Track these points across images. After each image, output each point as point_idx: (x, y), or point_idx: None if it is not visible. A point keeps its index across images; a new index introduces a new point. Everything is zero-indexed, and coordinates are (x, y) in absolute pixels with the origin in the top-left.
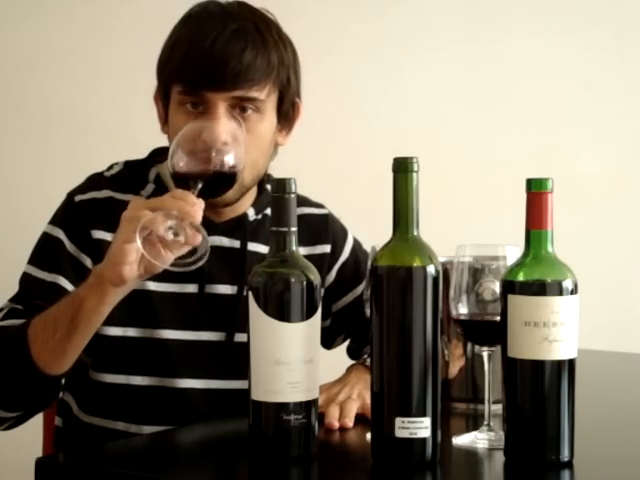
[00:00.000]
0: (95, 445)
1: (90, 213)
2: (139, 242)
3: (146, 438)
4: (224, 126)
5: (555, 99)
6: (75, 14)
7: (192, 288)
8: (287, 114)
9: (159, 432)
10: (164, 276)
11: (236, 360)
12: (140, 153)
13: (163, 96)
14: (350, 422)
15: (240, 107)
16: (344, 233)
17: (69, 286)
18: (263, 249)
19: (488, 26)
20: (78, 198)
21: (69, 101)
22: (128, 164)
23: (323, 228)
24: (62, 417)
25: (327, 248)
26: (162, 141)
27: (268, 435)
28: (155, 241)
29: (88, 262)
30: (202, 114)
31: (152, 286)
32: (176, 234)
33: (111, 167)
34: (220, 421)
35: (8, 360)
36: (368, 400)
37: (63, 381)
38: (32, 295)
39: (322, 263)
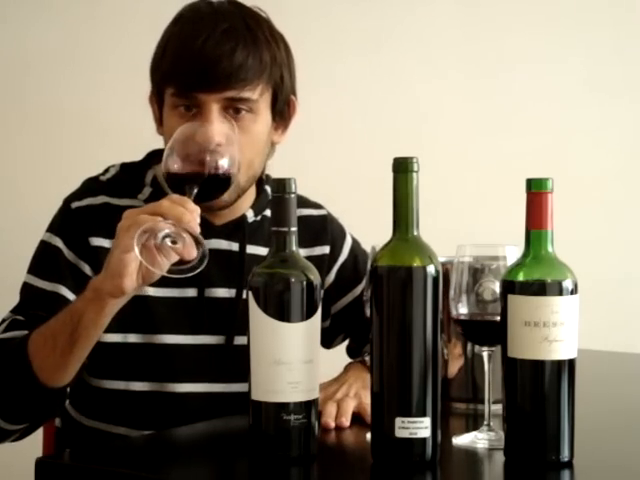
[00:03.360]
0: (95, 446)
1: (87, 220)
2: (137, 249)
3: (146, 438)
4: (217, 128)
5: (555, 99)
6: (76, 14)
7: (191, 292)
8: (282, 112)
9: (159, 432)
10: (163, 281)
11: (236, 363)
12: (142, 153)
13: (157, 98)
14: (347, 421)
15: (233, 108)
16: (342, 233)
17: (69, 295)
18: (262, 251)
19: (488, 26)
20: (75, 205)
21: (71, 101)
22: (124, 167)
23: (322, 229)
24: (62, 420)
25: (326, 249)
26: (162, 142)
27: (268, 435)
28: (152, 248)
29: (87, 269)
30: (195, 116)
31: (151, 291)
32: (174, 242)
33: (107, 170)
34: (220, 421)
35: (10, 375)
36: (365, 399)
37: (68, 389)
38: (33, 305)
39: (321, 264)
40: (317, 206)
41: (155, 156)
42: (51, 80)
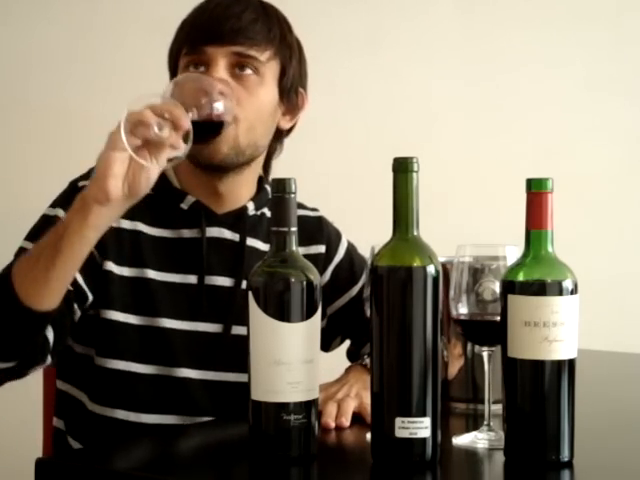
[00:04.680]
0: (96, 436)
1: None
2: (124, 137)
3: (146, 439)
4: (221, 75)
5: (555, 99)
6: (79, 14)
7: (192, 279)
8: (290, 95)
9: (159, 432)
10: (164, 265)
11: (232, 353)
12: None
13: (173, 75)
14: (347, 421)
15: (239, 66)
16: (338, 235)
17: None
18: (261, 246)
19: (488, 27)
20: (81, 183)
21: (75, 101)
22: None
23: (317, 229)
24: (69, 411)
25: (322, 248)
26: None
27: (268, 435)
28: (140, 145)
29: None
30: (204, 73)
31: (152, 274)
32: (160, 127)
33: None
34: (220, 421)
35: None
36: (365, 399)
37: (51, 338)
38: None
39: (317, 263)
40: (313, 209)
41: None
42: (54, 80)
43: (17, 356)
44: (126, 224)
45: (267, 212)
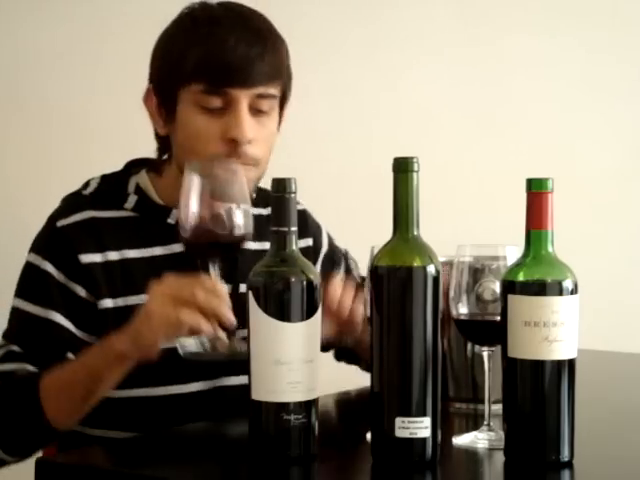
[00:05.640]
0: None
1: (74, 238)
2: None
3: (146, 438)
4: (249, 122)
5: (555, 99)
6: (76, 14)
7: None
8: (284, 111)
9: (159, 432)
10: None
11: None
12: (140, 154)
13: (166, 98)
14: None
15: (258, 104)
16: (319, 227)
17: (63, 321)
18: (253, 245)
19: (486, 27)
20: (60, 224)
21: (70, 102)
22: (105, 178)
23: (303, 223)
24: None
25: (309, 241)
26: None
27: (268, 435)
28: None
29: (79, 290)
30: (223, 112)
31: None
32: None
33: (87, 184)
34: (220, 421)
35: (19, 416)
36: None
37: None
38: (26, 333)
39: (307, 257)
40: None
41: (135, 165)
42: (45, 80)
43: (26, 456)
44: (114, 255)
45: (257, 211)
